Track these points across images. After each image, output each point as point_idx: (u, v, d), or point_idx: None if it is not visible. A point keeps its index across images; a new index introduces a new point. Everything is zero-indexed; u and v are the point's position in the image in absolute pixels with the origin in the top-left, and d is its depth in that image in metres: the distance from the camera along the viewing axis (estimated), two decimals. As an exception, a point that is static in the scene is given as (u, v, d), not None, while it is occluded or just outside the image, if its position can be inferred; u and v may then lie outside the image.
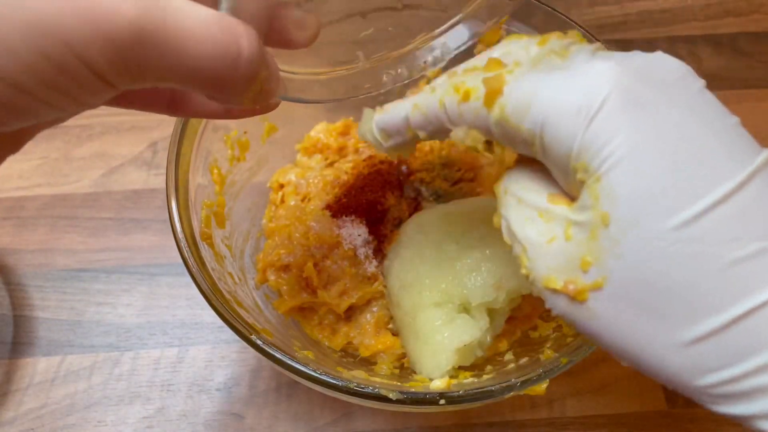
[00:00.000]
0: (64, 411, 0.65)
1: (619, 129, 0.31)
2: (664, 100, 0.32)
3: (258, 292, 0.61)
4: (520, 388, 0.47)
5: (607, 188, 0.31)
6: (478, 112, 0.36)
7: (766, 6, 0.90)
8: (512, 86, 0.34)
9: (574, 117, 0.32)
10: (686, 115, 0.32)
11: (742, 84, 0.85)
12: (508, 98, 0.34)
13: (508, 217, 0.37)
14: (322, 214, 0.60)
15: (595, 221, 0.32)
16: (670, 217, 0.30)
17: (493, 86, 0.34)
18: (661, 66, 0.33)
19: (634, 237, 0.31)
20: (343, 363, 0.57)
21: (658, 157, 0.31)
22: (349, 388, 0.47)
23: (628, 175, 0.31)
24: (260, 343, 0.49)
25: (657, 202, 0.30)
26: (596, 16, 0.89)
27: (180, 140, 0.56)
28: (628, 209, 0.31)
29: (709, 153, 0.31)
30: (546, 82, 0.33)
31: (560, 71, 0.33)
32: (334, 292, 0.58)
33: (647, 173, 0.31)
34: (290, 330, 0.59)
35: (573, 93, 0.32)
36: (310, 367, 0.48)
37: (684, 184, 0.30)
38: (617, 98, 0.31)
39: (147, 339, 0.69)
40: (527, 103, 0.33)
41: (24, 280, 0.72)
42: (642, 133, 0.31)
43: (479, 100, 0.35)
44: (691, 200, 0.30)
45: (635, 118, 0.31)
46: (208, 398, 0.66)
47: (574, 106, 0.32)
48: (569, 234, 0.33)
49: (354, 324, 0.60)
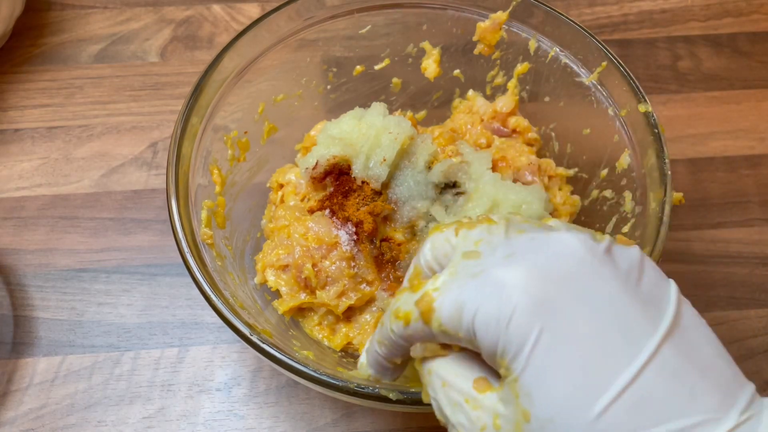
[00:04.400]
0: (65, 411, 0.65)
1: (529, 333, 0.35)
2: (568, 296, 0.36)
3: (258, 292, 0.61)
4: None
5: (525, 388, 0.36)
6: (422, 330, 0.40)
7: (765, 6, 0.90)
8: (440, 302, 0.39)
9: (495, 325, 0.36)
10: (587, 308, 0.36)
11: (742, 84, 0.85)
12: (440, 313, 0.38)
13: (437, 399, 0.41)
14: (321, 215, 0.60)
15: (518, 417, 0.36)
16: (578, 414, 0.34)
17: (425, 307, 0.39)
18: (562, 254, 0.38)
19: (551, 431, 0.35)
20: (343, 363, 0.57)
21: (563, 358, 0.35)
22: (349, 388, 0.48)
23: (539, 377, 0.35)
24: (260, 343, 0.49)
25: (566, 401, 0.35)
26: (596, 16, 0.89)
27: (180, 140, 0.56)
28: (542, 408, 0.35)
29: (609, 344, 0.35)
30: (467, 293, 0.38)
31: (476, 280, 0.38)
32: (333, 293, 0.58)
33: (555, 375, 0.35)
34: (290, 330, 0.59)
35: (489, 304, 0.36)
36: (310, 367, 0.48)
37: (586, 382, 0.34)
38: (525, 306, 0.36)
39: (147, 339, 0.69)
40: (457, 316, 0.38)
41: (24, 280, 0.72)
42: (549, 334, 0.35)
43: (418, 321, 0.40)
44: (594, 398, 0.34)
45: (542, 321, 0.35)
46: (208, 398, 0.66)
47: (493, 316, 0.36)
48: (497, 424, 0.37)
49: (354, 324, 0.61)
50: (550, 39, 0.64)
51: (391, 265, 0.59)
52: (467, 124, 0.67)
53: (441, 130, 0.66)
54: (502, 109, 0.67)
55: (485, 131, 0.67)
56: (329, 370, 0.49)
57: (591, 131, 0.63)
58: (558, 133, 0.68)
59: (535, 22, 0.64)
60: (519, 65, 0.67)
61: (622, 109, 0.60)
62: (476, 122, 0.67)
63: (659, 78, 0.85)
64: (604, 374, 0.34)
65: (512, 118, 0.67)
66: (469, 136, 0.66)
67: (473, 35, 0.66)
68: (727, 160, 0.80)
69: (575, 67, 0.63)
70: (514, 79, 0.68)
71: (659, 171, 0.55)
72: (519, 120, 0.67)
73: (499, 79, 0.69)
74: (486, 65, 0.69)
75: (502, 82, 0.69)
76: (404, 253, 0.60)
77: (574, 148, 0.67)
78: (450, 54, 0.69)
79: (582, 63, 0.63)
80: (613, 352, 0.35)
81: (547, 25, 0.64)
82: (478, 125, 0.67)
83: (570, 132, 0.66)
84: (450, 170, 0.61)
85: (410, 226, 0.60)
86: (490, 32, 0.64)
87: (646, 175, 0.57)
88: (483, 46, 0.65)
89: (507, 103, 0.67)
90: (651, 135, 0.57)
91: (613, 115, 0.61)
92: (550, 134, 0.69)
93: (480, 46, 0.65)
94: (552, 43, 0.64)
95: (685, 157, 0.80)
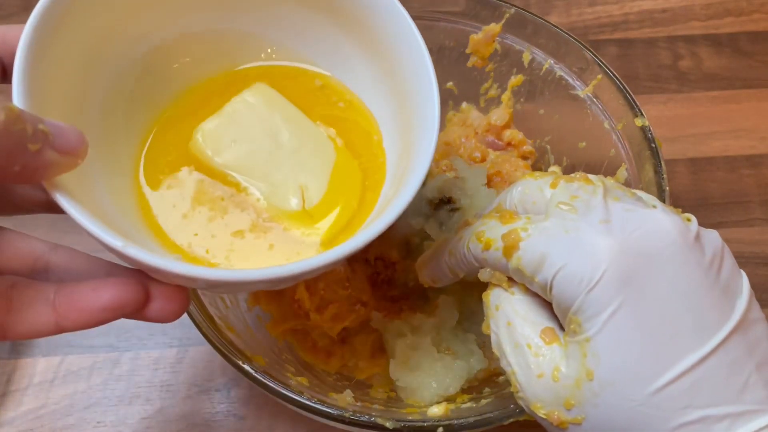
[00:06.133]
0: (64, 411, 0.65)
1: (611, 302, 0.37)
2: (654, 276, 0.38)
3: (250, 314, 0.60)
4: (519, 415, 0.47)
5: (594, 349, 0.38)
6: (498, 260, 0.42)
7: (766, 5, 0.88)
8: (527, 243, 0.41)
9: (577, 284, 0.38)
10: (669, 290, 0.38)
11: (742, 84, 0.84)
12: (523, 253, 0.41)
13: (498, 334, 0.43)
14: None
15: (581, 374, 0.38)
16: (639, 384, 0.37)
17: (510, 242, 0.41)
18: (656, 234, 0.39)
19: (610, 393, 0.38)
20: (337, 387, 0.57)
21: (637, 331, 0.37)
22: (344, 417, 0.48)
23: (611, 343, 0.38)
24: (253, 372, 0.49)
25: (631, 370, 0.37)
26: (596, 16, 0.88)
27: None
28: (608, 371, 0.38)
29: (682, 328, 0.37)
30: (555, 246, 0.40)
31: (568, 236, 0.39)
32: (327, 315, 0.58)
33: (626, 344, 0.37)
34: (284, 354, 0.59)
35: (577, 264, 0.38)
36: (305, 395, 0.48)
37: (654, 358, 0.37)
38: (612, 275, 0.37)
39: (147, 339, 0.69)
40: (539, 262, 0.40)
41: (24, 280, 0.72)
42: (630, 307, 0.37)
43: (499, 251, 0.42)
44: (658, 373, 0.37)
45: (626, 294, 0.37)
46: (207, 398, 0.66)
47: (578, 276, 0.38)
48: (557, 376, 0.40)
49: (348, 346, 0.60)
50: (545, 51, 0.63)
51: (386, 285, 0.59)
52: (461, 137, 0.66)
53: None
54: (497, 122, 0.66)
55: (479, 145, 0.66)
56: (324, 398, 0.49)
57: (587, 145, 0.63)
58: (553, 146, 0.68)
59: (528, 33, 0.63)
60: (513, 77, 0.66)
61: (619, 123, 0.59)
62: (470, 135, 0.66)
63: (660, 77, 0.84)
64: (673, 354, 0.37)
65: (507, 131, 0.67)
66: (464, 149, 0.65)
67: (466, 47, 0.65)
68: (728, 159, 0.79)
69: (570, 80, 0.62)
70: (508, 91, 0.67)
71: (657, 186, 0.55)
72: (514, 133, 0.67)
73: (493, 91, 0.69)
74: (479, 77, 0.68)
75: (496, 94, 0.69)
76: (399, 272, 0.60)
77: (570, 161, 0.66)
78: (443, 66, 0.67)
79: (577, 75, 0.62)
80: (684, 335, 0.37)
81: (541, 37, 0.63)
82: (472, 138, 0.66)
83: (566, 145, 0.66)
84: (445, 186, 0.60)
85: (405, 243, 0.60)
86: (483, 44, 0.63)
87: (644, 189, 0.56)
88: (476, 59, 0.64)
89: (501, 116, 0.67)
90: (648, 149, 0.56)
91: (609, 129, 0.60)
92: (545, 147, 0.68)
93: (473, 58, 0.64)
94: (546, 56, 0.63)
95: (686, 157, 0.79)
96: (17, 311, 0.37)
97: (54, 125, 0.34)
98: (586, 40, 0.85)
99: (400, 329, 0.57)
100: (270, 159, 0.48)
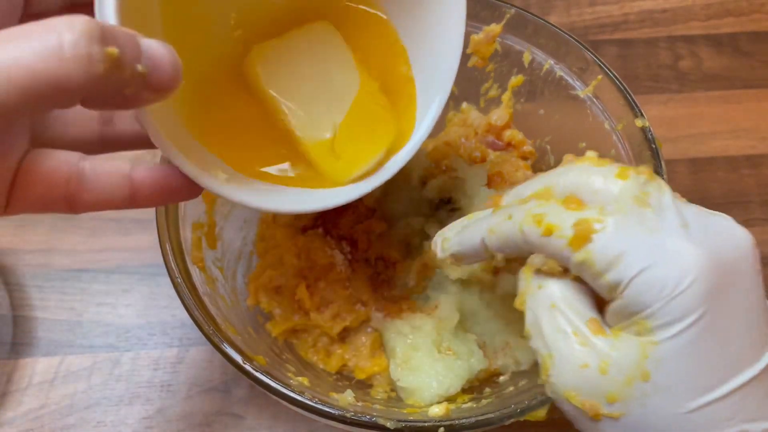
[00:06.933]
0: (64, 411, 0.66)
1: (690, 313, 0.36)
2: (732, 289, 0.37)
3: (251, 314, 0.60)
4: (520, 415, 0.48)
5: (659, 354, 0.36)
6: (561, 249, 0.38)
7: (766, 6, 0.89)
8: (602, 237, 0.37)
9: (659, 290, 0.36)
10: (742, 305, 0.37)
11: (742, 84, 0.84)
12: (596, 247, 0.37)
13: (537, 314, 0.40)
14: (314, 233, 0.60)
15: (635, 373, 0.37)
16: (694, 393, 0.36)
17: (581, 232, 0.37)
18: (736, 245, 0.38)
19: (662, 398, 0.37)
20: (338, 387, 0.57)
21: (708, 343, 0.36)
22: (345, 417, 0.48)
23: (679, 352, 0.36)
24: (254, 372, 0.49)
25: (691, 380, 0.36)
26: (596, 16, 0.88)
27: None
28: (667, 377, 0.36)
29: (744, 343, 0.37)
30: (637, 245, 0.37)
31: (650, 238, 0.37)
32: (328, 314, 0.58)
33: (694, 356, 0.36)
34: (284, 353, 0.59)
35: (663, 269, 0.36)
36: (306, 396, 0.48)
37: (715, 371, 0.37)
38: (700, 287, 0.36)
39: (147, 339, 0.69)
40: (615, 260, 0.37)
41: (24, 280, 0.72)
42: (708, 318, 0.36)
43: (564, 239, 0.38)
44: (714, 386, 0.36)
45: (708, 305, 0.36)
46: (208, 398, 0.66)
47: (661, 282, 0.36)
48: (605, 369, 0.37)
49: (349, 346, 0.60)
50: (545, 51, 0.63)
51: (386, 285, 0.59)
52: (462, 137, 0.66)
53: (435, 143, 0.65)
54: (497, 122, 0.66)
55: (479, 145, 0.66)
56: (325, 398, 0.49)
57: (587, 145, 0.63)
58: (554, 146, 0.68)
59: (529, 34, 0.63)
60: (513, 78, 0.66)
61: (619, 123, 0.59)
62: (470, 135, 0.66)
63: (660, 77, 0.84)
64: (732, 368, 0.37)
65: (507, 132, 0.67)
66: (464, 149, 0.65)
67: (467, 48, 0.65)
68: (728, 159, 0.80)
69: (570, 80, 0.62)
70: (509, 91, 0.67)
71: (657, 187, 0.55)
72: (514, 133, 0.67)
73: (494, 91, 0.68)
74: (480, 78, 0.68)
75: (497, 94, 0.68)
76: (399, 272, 0.60)
77: (571, 162, 0.66)
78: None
79: (577, 76, 0.62)
80: (745, 351, 0.37)
81: (542, 38, 0.63)
82: (472, 138, 0.66)
83: (566, 146, 0.65)
84: (445, 186, 0.60)
85: (405, 244, 0.60)
86: (483, 45, 0.63)
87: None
88: (477, 59, 0.64)
89: (501, 116, 0.67)
90: (648, 150, 0.56)
91: (610, 129, 0.60)
92: (545, 147, 0.68)
93: (474, 58, 0.64)
94: (546, 56, 0.63)
95: (686, 157, 0.80)
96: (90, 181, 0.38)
97: (151, 57, 0.33)
98: (586, 40, 0.85)
99: (401, 329, 0.58)
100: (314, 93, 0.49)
